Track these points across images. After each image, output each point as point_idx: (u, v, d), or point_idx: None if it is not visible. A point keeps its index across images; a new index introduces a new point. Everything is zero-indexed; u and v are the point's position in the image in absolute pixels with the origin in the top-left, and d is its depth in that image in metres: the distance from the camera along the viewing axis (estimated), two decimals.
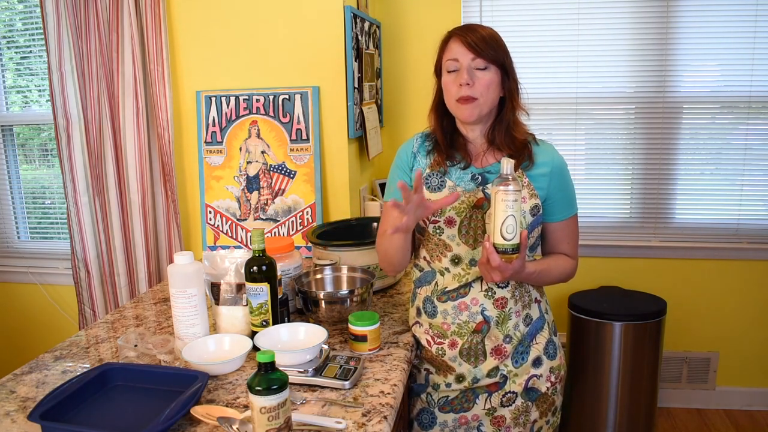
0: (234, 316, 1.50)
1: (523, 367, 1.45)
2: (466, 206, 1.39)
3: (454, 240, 1.41)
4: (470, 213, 1.39)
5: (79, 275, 2.48)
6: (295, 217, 2.22)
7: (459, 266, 1.42)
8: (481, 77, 1.35)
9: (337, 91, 2.20)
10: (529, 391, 1.47)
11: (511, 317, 1.42)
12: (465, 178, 1.42)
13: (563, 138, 2.82)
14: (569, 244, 1.48)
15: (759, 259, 2.78)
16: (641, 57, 2.71)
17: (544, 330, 1.49)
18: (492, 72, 1.36)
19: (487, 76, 1.36)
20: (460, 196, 1.39)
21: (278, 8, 2.18)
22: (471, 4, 2.74)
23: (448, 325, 1.44)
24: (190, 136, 2.36)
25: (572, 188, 1.47)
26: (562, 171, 1.43)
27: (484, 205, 1.38)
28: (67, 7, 2.28)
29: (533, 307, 1.47)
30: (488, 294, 1.41)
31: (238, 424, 1.10)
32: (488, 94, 1.37)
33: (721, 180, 2.78)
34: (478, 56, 1.35)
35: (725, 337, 2.88)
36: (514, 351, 1.44)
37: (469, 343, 1.43)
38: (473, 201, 1.39)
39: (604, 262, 2.88)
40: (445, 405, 1.49)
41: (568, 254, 1.48)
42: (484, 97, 1.36)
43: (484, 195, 1.39)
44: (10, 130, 2.95)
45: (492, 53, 1.35)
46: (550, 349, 1.49)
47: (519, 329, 1.43)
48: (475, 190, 1.40)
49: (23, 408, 1.24)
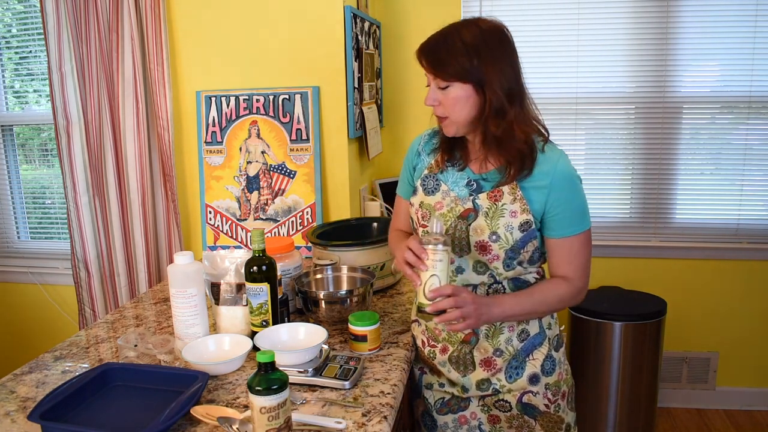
0: (234, 316, 1.50)
1: (517, 383, 1.39)
2: (452, 215, 1.34)
3: None
4: (456, 223, 1.34)
5: (79, 275, 2.48)
6: (295, 217, 2.22)
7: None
8: (445, 95, 1.27)
9: (337, 91, 2.20)
10: (525, 406, 1.41)
11: (503, 331, 1.37)
12: (460, 183, 1.37)
13: (563, 138, 2.82)
14: (570, 265, 1.33)
15: (759, 259, 2.78)
16: (641, 57, 2.71)
17: (543, 346, 1.40)
18: (456, 89, 1.25)
19: (451, 93, 1.26)
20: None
21: (278, 8, 2.18)
22: (471, 4, 2.74)
23: (439, 331, 1.42)
24: (190, 136, 2.36)
25: (578, 204, 1.31)
26: (565, 184, 1.29)
27: (470, 216, 1.32)
28: (67, 8, 2.28)
29: (532, 323, 1.39)
30: None
31: (238, 424, 1.10)
32: (458, 111, 1.27)
33: (721, 180, 2.78)
34: (435, 76, 1.27)
35: (725, 337, 2.88)
36: (507, 366, 1.39)
37: (458, 352, 1.40)
38: (459, 211, 1.34)
39: (604, 262, 2.88)
40: (443, 407, 1.49)
41: (567, 276, 1.34)
42: (454, 115, 1.28)
43: (473, 206, 1.33)
44: (10, 130, 2.95)
45: (451, 70, 1.24)
46: (547, 366, 1.41)
47: (512, 344, 1.37)
48: (464, 198, 1.34)
49: (23, 408, 1.24)
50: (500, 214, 1.30)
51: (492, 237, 1.30)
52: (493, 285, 1.35)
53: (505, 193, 1.30)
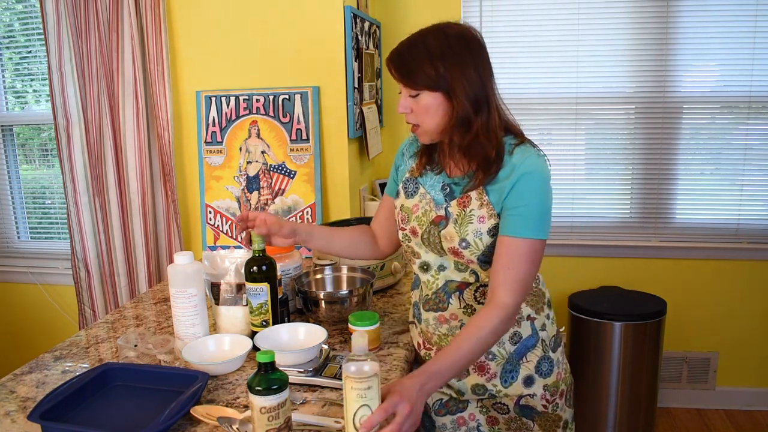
0: (234, 316, 1.50)
1: (513, 387, 1.38)
2: (426, 220, 1.35)
3: (421, 248, 1.38)
4: (429, 228, 1.34)
5: (79, 275, 2.48)
6: (295, 217, 2.22)
7: (428, 273, 1.39)
8: (416, 102, 1.25)
9: (337, 91, 2.20)
10: (523, 408, 1.40)
11: None
12: (437, 186, 1.36)
13: (563, 138, 2.82)
14: (510, 271, 1.21)
15: (759, 259, 2.78)
16: (641, 57, 2.71)
17: (536, 348, 1.38)
18: (427, 96, 1.23)
19: (422, 101, 1.24)
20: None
21: (278, 8, 2.18)
22: (471, 4, 2.74)
23: (431, 334, 1.42)
24: (190, 136, 2.36)
25: (538, 206, 1.22)
26: (526, 180, 1.22)
27: (441, 223, 1.32)
28: (67, 7, 2.28)
29: (524, 325, 1.37)
30: (467, 311, 1.35)
31: (238, 424, 1.10)
32: (429, 120, 1.25)
33: (721, 180, 2.78)
34: (404, 85, 1.25)
35: (725, 337, 2.88)
36: (501, 370, 1.37)
37: None
38: (432, 217, 1.34)
39: (604, 262, 2.88)
40: (441, 408, 1.49)
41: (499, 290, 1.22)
42: (426, 123, 1.26)
43: (445, 213, 1.31)
44: (10, 130, 2.95)
45: (419, 79, 1.22)
46: (543, 367, 1.39)
47: (504, 347, 1.35)
48: (440, 205, 1.33)
49: (23, 408, 1.24)
50: (468, 221, 1.28)
51: (462, 244, 1.29)
52: (480, 288, 1.34)
53: (472, 199, 1.29)
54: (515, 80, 2.75)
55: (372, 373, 1.02)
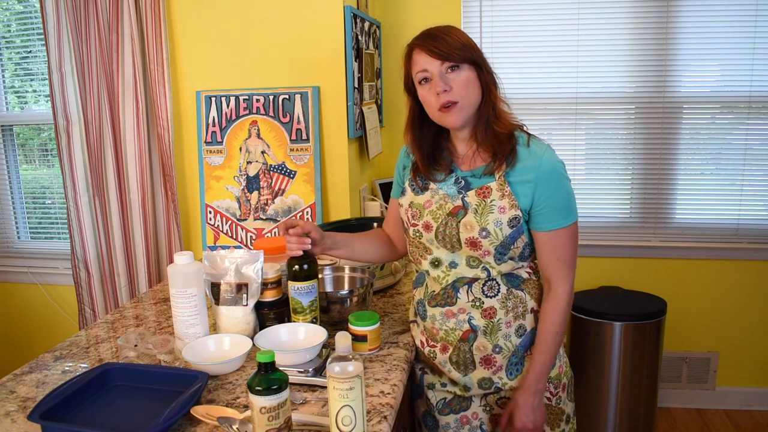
0: (234, 316, 1.50)
1: (518, 379, 1.41)
2: (442, 213, 1.36)
3: (433, 243, 1.39)
4: (446, 220, 1.35)
5: (79, 275, 2.48)
6: (295, 217, 2.22)
7: (439, 269, 1.40)
8: (455, 78, 1.30)
9: (337, 91, 2.20)
10: None
11: (500, 327, 1.37)
12: (449, 181, 1.39)
13: (563, 138, 2.82)
14: (559, 260, 1.35)
15: (759, 259, 2.79)
16: (641, 57, 2.71)
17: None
18: (465, 69, 1.31)
19: (462, 75, 1.31)
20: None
21: (278, 8, 2.18)
22: (471, 4, 2.74)
23: (437, 330, 1.42)
24: (190, 136, 2.36)
25: (565, 196, 1.34)
26: (550, 177, 1.32)
27: (459, 213, 1.34)
28: (67, 8, 2.28)
29: (528, 318, 1.40)
30: (476, 304, 1.37)
31: (238, 424, 1.10)
32: (468, 93, 1.31)
33: (721, 180, 2.78)
34: (445, 60, 1.30)
35: (725, 337, 2.88)
36: (507, 363, 1.40)
37: (458, 350, 1.40)
38: (449, 209, 1.35)
39: (604, 262, 2.88)
40: (444, 407, 1.49)
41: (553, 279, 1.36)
42: (465, 98, 1.31)
43: (462, 203, 1.34)
44: (10, 130, 2.95)
45: (458, 53, 1.30)
46: None
47: (510, 340, 1.38)
48: (454, 196, 1.36)
49: (23, 408, 1.24)
50: (489, 210, 1.31)
51: (482, 233, 1.31)
52: (488, 282, 1.36)
53: (493, 190, 1.32)
54: (515, 80, 2.75)
55: (354, 374, 1.03)
